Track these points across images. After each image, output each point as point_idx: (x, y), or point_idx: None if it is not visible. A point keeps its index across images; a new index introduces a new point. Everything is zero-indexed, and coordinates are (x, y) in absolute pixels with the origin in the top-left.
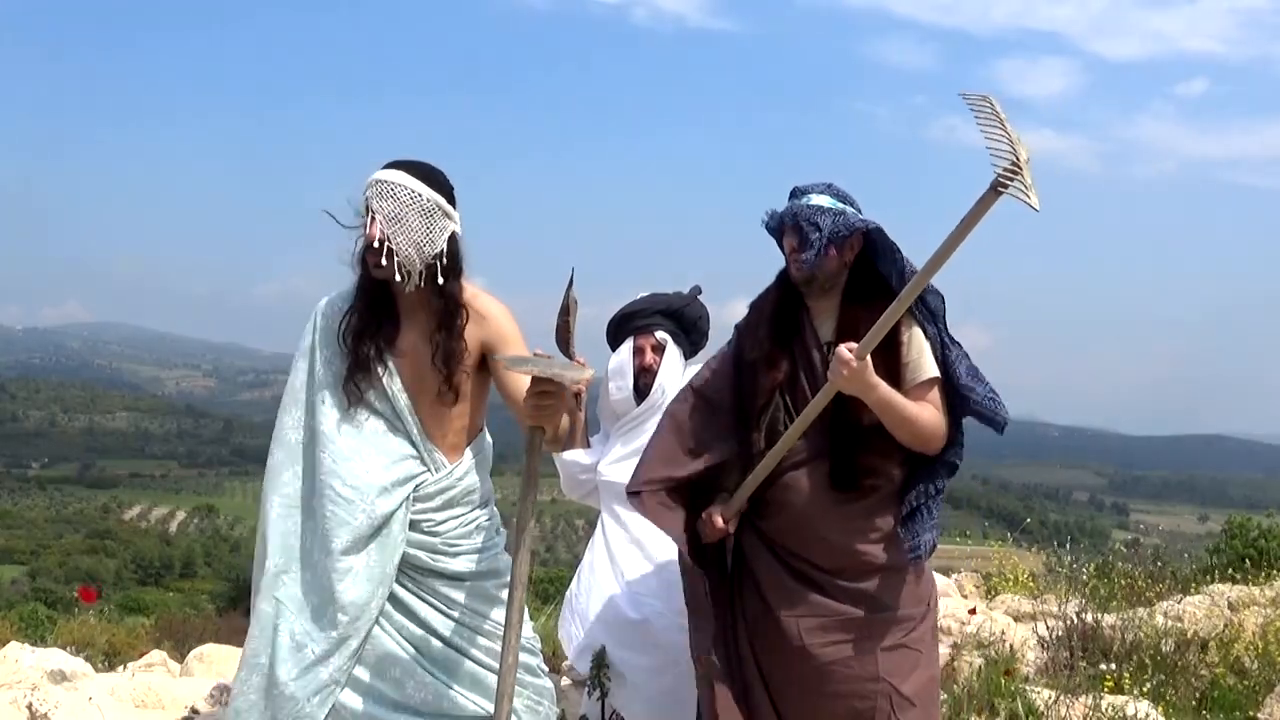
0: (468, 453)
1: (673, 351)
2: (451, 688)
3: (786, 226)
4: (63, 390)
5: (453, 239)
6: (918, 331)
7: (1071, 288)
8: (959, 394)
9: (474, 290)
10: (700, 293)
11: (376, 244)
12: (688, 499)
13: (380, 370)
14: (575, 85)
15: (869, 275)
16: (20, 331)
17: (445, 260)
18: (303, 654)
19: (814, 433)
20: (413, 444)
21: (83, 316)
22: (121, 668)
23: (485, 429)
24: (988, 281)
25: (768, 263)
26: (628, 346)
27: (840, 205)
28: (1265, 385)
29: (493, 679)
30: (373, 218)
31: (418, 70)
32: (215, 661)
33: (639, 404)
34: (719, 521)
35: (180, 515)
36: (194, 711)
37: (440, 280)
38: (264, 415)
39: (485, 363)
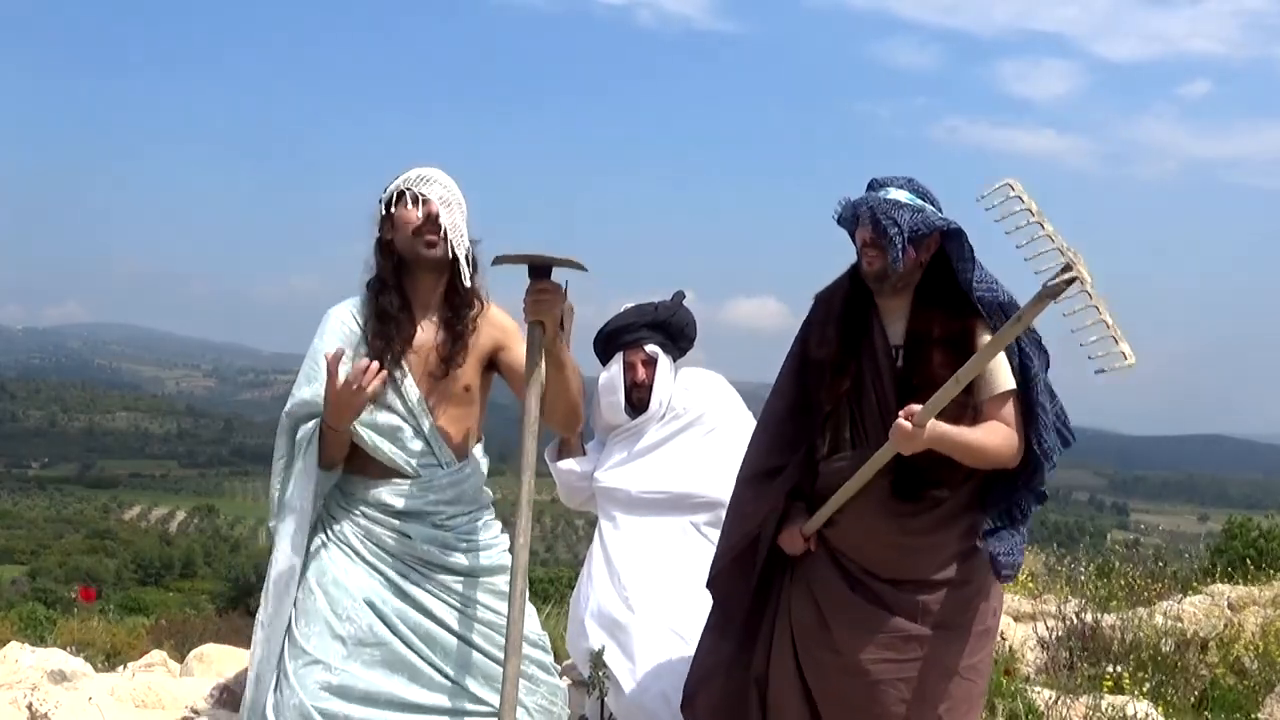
0: (476, 450)
1: (664, 362)
2: (462, 683)
3: (862, 220)
4: (63, 390)
5: (472, 241)
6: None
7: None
8: (1030, 410)
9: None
10: (684, 298)
11: (434, 222)
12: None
13: (396, 371)
14: (576, 86)
15: (944, 275)
16: (20, 331)
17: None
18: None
19: (879, 439)
20: (425, 439)
21: (83, 316)
22: (121, 668)
23: (482, 440)
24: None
25: (765, 264)
26: (618, 362)
27: (920, 202)
28: (1265, 385)
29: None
30: (425, 199)
31: (416, 72)
32: (215, 661)
33: (633, 418)
34: (799, 541)
35: (180, 515)
36: (194, 711)
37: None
38: (264, 415)
39: (491, 365)
